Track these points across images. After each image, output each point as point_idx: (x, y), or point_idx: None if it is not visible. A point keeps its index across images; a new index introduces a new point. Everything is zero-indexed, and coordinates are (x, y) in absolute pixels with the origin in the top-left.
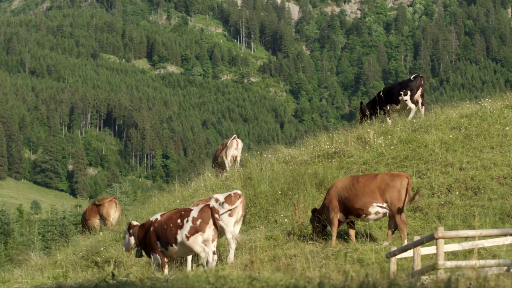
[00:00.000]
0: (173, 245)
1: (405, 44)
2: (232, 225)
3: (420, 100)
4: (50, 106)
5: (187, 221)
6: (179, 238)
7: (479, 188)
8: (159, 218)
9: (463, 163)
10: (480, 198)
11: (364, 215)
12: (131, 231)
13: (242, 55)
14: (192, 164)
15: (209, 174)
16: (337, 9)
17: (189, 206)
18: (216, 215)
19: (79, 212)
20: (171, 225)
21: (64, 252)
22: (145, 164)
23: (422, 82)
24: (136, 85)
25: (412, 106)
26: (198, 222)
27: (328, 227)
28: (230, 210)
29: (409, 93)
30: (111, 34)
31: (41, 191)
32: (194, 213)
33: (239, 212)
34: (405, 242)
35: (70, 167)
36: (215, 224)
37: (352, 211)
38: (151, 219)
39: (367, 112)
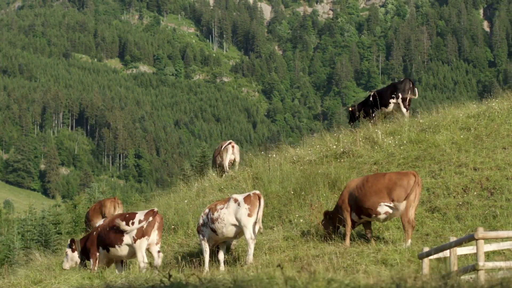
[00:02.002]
0: (116, 247)
1: (377, 44)
2: (251, 225)
3: (410, 99)
4: (22, 106)
5: (133, 224)
6: (126, 240)
7: (495, 189)
8: (102, 222)
9: (477, 163)
10: (498, 198)
11: (374, 215)
12: (73, 246)
13: (214, 55)
14: (165, 164)
15: (214, 174)
16: (309, 9)
17: (211, 204)
18: (159, 221)
19: (59, 212)
20: (115, 228)
21: None
22: (118, 164)
23: (411, 85)
24: (108, 84)
25: (404, 110)
26: (144, 226)
27: (342, 228)
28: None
29: (400, 95)
30: (83, 34)
31: (13, 191)
32: (140, 216)
33: (258, 212)
34: (408, 243)
35: (42, 166)
36: (159, 228)
37: (363, 211)
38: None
39: (357, 115)
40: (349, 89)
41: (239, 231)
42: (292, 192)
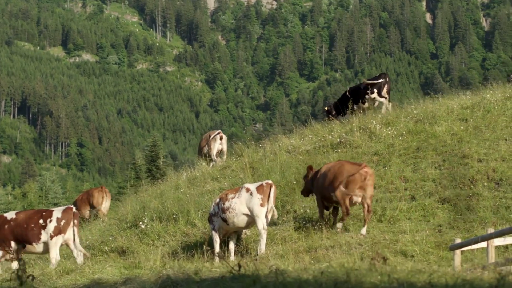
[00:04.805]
0: (34, 244)
1: (321, 35)
2: (263, 215)
3: (387, 97)
4: None
5: (51, 221)
6: (43, 237)
7: (502, 180)
8: (14, 216)
9: (481, 154)
10: (507, 190)
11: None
12: None
13: (157, 44)
14: (107, 153)
15: (204, 164)
16: (253, 0)
17: (221, 194)
18: (76, 219)
19: (11, 200)
20: (32, 225)
21: None
22: (60, 153)
23: (387, 79)
24: (51, 73)
25: (382, 99)
26: (62, 223)
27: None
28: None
29: (375, 90)
30: (25, 21)
31: None
32: (58, 214)
33: (270, 202)
34: (338, 228)
35: None
36: (76, 225)
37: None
38: (5, 215)
39: (333, 113)
40: (292, 79)
41: (251, 221)
42: (295, 182)
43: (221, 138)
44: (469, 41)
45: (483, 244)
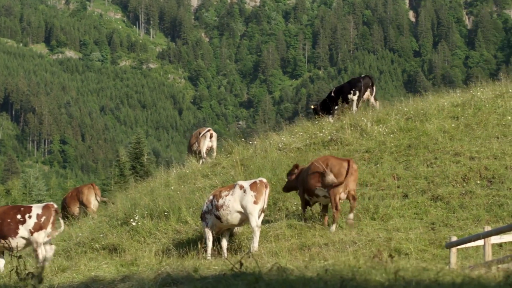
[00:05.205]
0: (9, 239)
1: (304, 33)
2: (257, 212)
3: (371, 98)
4: None
5: (30, 217)
6: (21, 232)
7: (494, 178)
8: None
9: (473, 152)
10: (500, 187)
11: (315, 196)
12: None
13: (141, 41)
14: (90, 150)
15: (194, 161)
16: None
17: (215, 191)
18: (54, 215)
19: None
20: (9, 220)
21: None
22: (43, 150)
23: (371, 83)
24: (34, 69)
25: (355, 108)
26: (42, 219)
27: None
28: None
29: (357, 93)
30: (8, 18)
31: None
32: (38, 210)
33: (264, 200)
34: (333, 229)
35: None
36: (53, 222)
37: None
38: None
39: (320, 113)
40: (275, 77)
41: (244, 218)
42: (286, 179)
43: (211, 136)
44: (452, 39)
45: (478, 242)
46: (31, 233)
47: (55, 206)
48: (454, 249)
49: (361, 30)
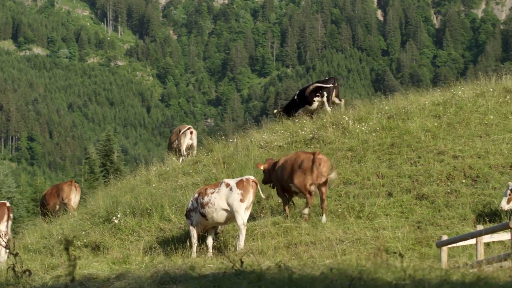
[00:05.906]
0: None
1: (272, 31)
2: (243, 211)
3: (336, 100)
4: None
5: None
6: None
7: (478, 177)
8: None
9: (456, 151)
10: (485, 186)
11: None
12: None
13: (109, 38)
14: (58, 147)
15: (174, 159)
16: None
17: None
18: (11, 214)
19: None
20: None
21: (32, 236)
22: (10, 146)
23: (336, 84)
24: (1, 66)
25: (328, 109)
26: None
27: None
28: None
29: (325, 94)
30: None
31: None
32: None
33: (250, 198)
34: (305, 214)
35: None
36: (7, 220)
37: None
38: None
39: (284, 116)
40: (243, 75)
41: (230, 216)
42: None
43: (191, 133)
44: (420, 38)
45: (468, 241)
46: None
47: (8, 204)
48: (445, 248)
49: (329, 29)
